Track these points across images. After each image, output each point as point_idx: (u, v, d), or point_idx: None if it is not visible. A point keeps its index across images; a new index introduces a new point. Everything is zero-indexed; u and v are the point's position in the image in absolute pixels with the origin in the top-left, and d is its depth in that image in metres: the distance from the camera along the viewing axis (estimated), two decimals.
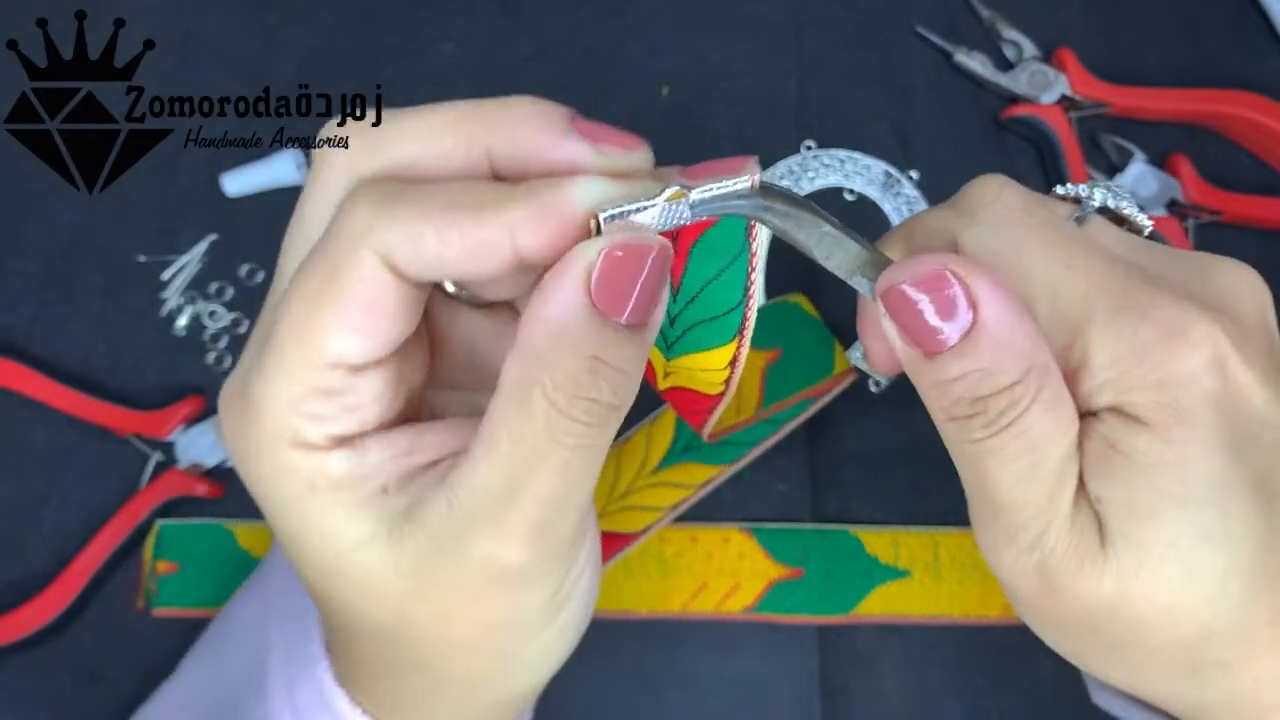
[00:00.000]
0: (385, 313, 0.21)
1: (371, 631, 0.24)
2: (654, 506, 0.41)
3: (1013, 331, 0.21)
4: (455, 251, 0.20)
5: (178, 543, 0.42)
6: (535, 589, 0.23)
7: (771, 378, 0.39)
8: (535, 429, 0.20)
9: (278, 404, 0.21)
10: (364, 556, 0.22)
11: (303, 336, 0.21)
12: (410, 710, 0.26)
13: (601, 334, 0.20)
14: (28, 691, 0.41)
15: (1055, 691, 0.41)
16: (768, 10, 0.47)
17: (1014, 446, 0.21)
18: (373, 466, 0.22)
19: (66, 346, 0.44)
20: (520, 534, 0.21)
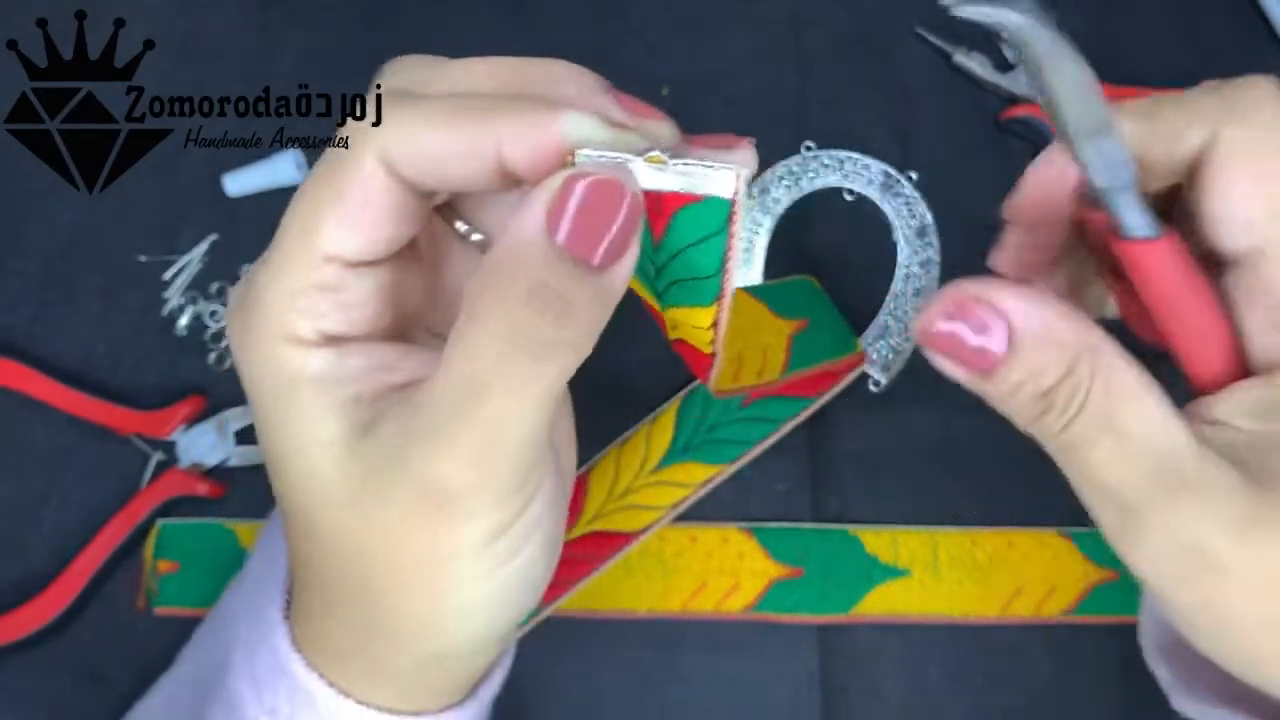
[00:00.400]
0: (381, 210, 0.22)
1: (321, 551, 0.24)
2: (654, 506, 0.42)
3: (1048, 326, 0.21)
4: (448, 150, 0.22)
5: (178, 542, 0.42)
6: (477, 520, 0.22)
7: (798, 345, 0.39)
8: (481, 348, 0.21)
9: (277, 298, 0.23)
10: (326, 460, 0.23)
11: (303, 232, 0.23)
12: (353, 657, 0.25)
13: (554, 261, 0.21)
14: (28, 691, 0.41)
15: (1055, 691, 0.41)
16: (768, 10, 0.48)
17: (1094, 427, 0.21)
18: (351, 371, 0.23)
19: (67, 346, 0.44)
20: (463, 453, 0.21)
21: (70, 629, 0.41)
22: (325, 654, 0.26)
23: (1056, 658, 0.41)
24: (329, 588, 0.25)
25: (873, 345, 0.44)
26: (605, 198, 0.21)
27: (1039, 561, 0.42)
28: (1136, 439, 0.21)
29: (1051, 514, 0.42)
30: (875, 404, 0.44)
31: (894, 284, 0.45)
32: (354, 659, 0.25)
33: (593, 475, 0.42)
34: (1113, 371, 0.21)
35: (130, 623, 0.41)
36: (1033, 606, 0.41)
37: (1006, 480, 0.43)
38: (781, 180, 0.45)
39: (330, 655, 0.26)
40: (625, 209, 0.21)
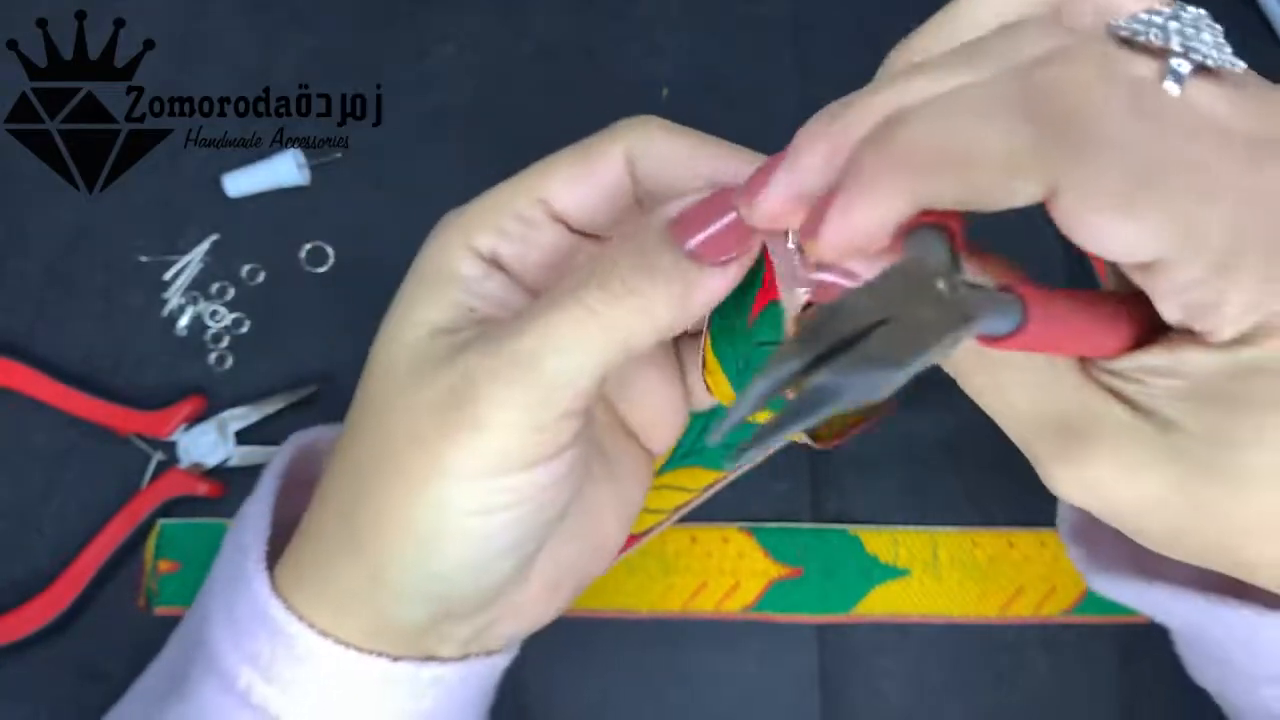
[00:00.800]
0: (605, 192, 0.26)
1: (359, 421, 0.25)
2: (656, 509, 0.42)
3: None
4: (672, 170, 0.25)
5: (179, 542, 0.42)
6: (481, 433, 0.22)
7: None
8: (570, 277, 0.23)
9: (483, 209, 0.26)
10: (412, 334, 0.24)
11: (538, 173, 0.26)
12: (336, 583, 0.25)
13: (663, 241, 0.23)
14: (29, 690, 0.41)
15: (1054, 690, 0.41)
16: (768, 10, 0.48)
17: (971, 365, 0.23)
18: (486, 290, 0.25)
19: (68, 346, 0.44)
20: (506, 358, 0.23)
21: (71, 629, 0.42)
22: (309, 586, 0.26)
23: (1056, 658, 0.41)
24: (335, 469, 0.26)
25: None
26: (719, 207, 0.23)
27: (1039, 561, 0.42)
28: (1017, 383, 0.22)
29: (1051, 514, 0.42)
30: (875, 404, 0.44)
31: None
32: (313, 568, 0.26)
33: None
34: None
35: (131, 622, 0.42)
36: (1033, 606, 0.41)
37: (1006, 480, 0.43)
38: None
39: (314, 587, 0.26)
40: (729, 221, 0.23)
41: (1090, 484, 0.21)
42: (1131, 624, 0.42)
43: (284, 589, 0.26)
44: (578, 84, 0.47)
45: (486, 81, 0.47)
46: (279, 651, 0.25)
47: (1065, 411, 0.21)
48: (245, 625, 0.26)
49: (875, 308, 0.17)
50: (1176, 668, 0.41)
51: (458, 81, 0.47)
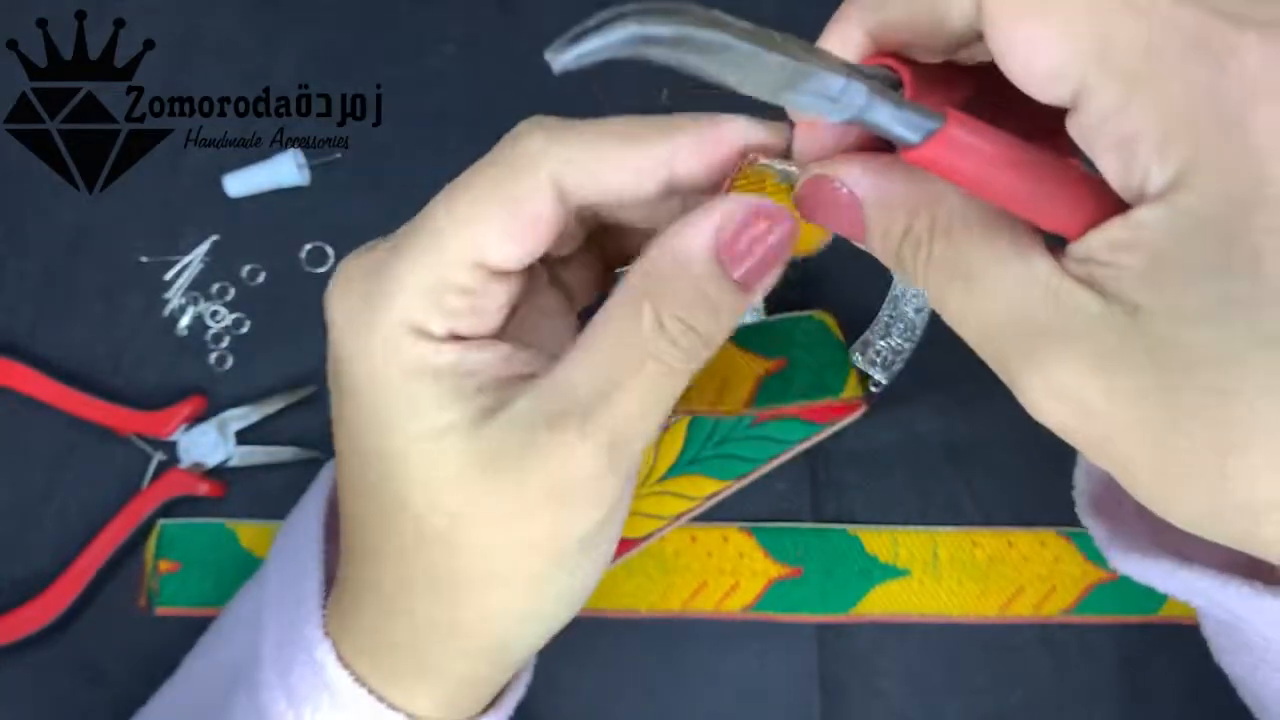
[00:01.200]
0: (543, 228, 0.23)
1: (403, 537, 0.24)
2: (657, 515, 0.42)
3: (883, 189, 0.22)
4: (621, 176, 0.23)
5: (179, 542, 0.42)
6: (587, 511, 0.23)
7: (768, 385, 0.39)
8: (637, 338, 0.22)
9: (414, 287, 0.23)
10: (438, 445, 0.23)
11: (460, 231, 0.23)
12: (409, 659, 0.25)
13: (716, 275, 0.22)
14: (29, 691, 0.41)
15: (1054, 691, 0.41)
16: (767, 11, 0.47)
17: (941, 275, 0.22)
18: (475, 364, 0.24)
19: (68, 346, 0.44)
20: (597, 438, 0.22)
21: (71, 629, 0.42)
22: (368, 654, 0.26)
23: (1056, 658, 0.41)
24: (402, 580, 0.25)
25: (873, 345, 0.44)
26: (764, 225, 0.23)
27: (1039, 561, 0.42)
28: (987, 283, 0.20)
29: (1051, 514, 0.42)
30: (875, 404, 0.44)
31: (894, 284, 0.45)
32: (405, 659, 0.26)
33: None
34: (954, 219, 0.21)
35: (131, 623, 0.42)
36: (1032, 606, 0.41)
37: (1006, 480, 0.43)
38: None
39: (375, 657, 0.26)
40: (776, 238, 0.23)
41: (1064, 391, 0.19)
42: (1131, 624, 0.42)
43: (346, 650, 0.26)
44: (577, 84, 0.47)
45: (486, 81, 0.47)
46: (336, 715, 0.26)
47: (1037, 312, 0.20)
48: (303, 691, 0.26)
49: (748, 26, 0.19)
50: (1176, 668, 0.42)
51: (458, 81, 0.47)
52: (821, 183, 0.22)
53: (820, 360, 0.41)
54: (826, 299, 0.45)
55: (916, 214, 0.21)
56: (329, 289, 0.25)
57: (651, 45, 0.17)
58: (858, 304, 0.44)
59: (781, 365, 0.40)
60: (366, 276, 0.24)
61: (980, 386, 0.43)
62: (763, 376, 0.40)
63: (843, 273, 0.45)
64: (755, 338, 0.41)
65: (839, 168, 0.22)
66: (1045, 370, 0.20)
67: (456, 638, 0.25)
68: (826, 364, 0.41)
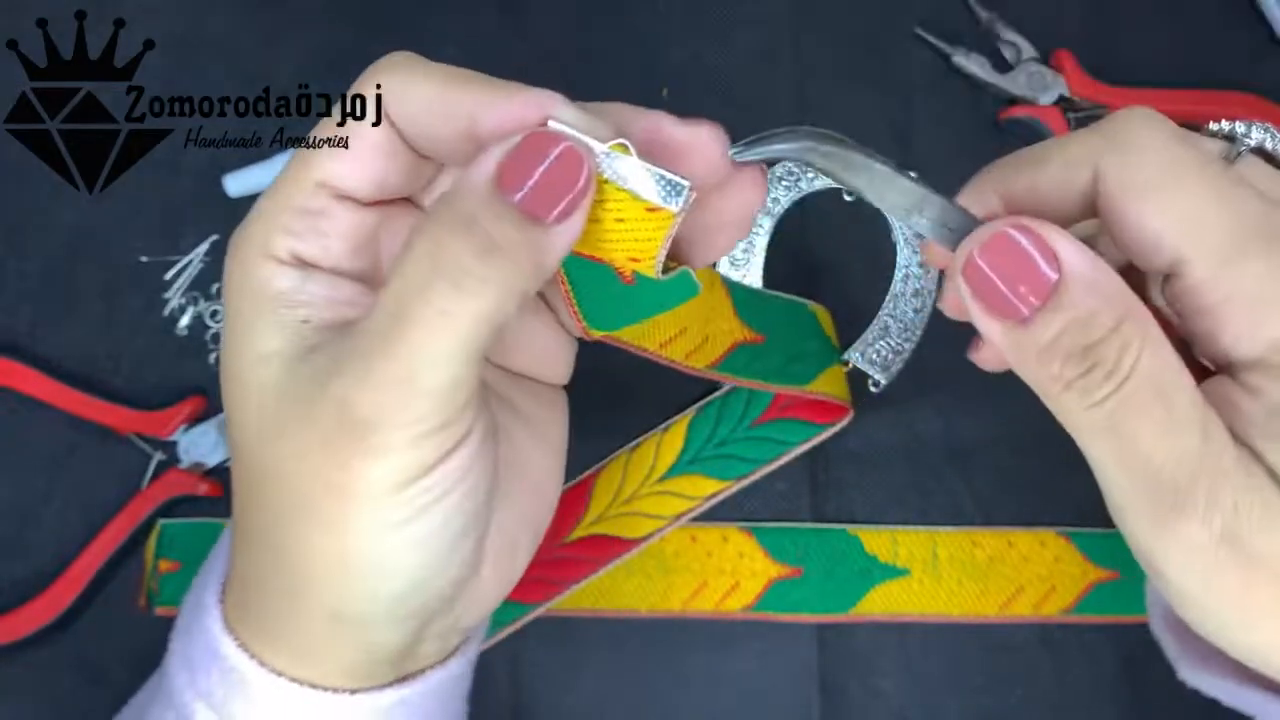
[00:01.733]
0: (372, 145, 0.24)
1: (244, 477, 0.24)
2: (657, 515, 0.42)
3: (1099, 274, 0.21)
4: (430, 106, 0.23)
5: (179, 542, 0.42)
6: (390, 456, 0.22)
7: (737, 354, 0.38)
8: (409, 276, 0.22)
9: (265, 215, 0.24)
10: (264, 371, 0.23)
11: (301, 159, 0.24)
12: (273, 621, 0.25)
13: (490, 200, 0.22)
14: (30, 690, 0.41)
15: (1054, 691, 0.41)
16: (767, 10, 0.48)
17: (1145, 392, 0.20)
18: (308, 295, 0.24)
19: (68, 346, 0.44)
20: (380, 381, 0.21)
21: (71, 629, 0.42)
22: (246, 622, 0.25)
23: (1056, 658, 0.41)
24: (245, 532, 0.25)
25: (873, 345, 0.44)
26: (542, 147, 0.22)
27: (1039, 561, 0.42)
28: (1184, 412, 0.20)
29: (1051, 514, 0.43)
30: (875, 404, 0.44)
31: (893, 284, 0.45)
32: (265, 619, 0.25)
33: (599, 479, 0.42)
34: (1152, 335, 0.20)
35: (131, 623, 0.42)
36: (1032, 606, 0.41)
37: (1006, 480, 0.43)
38: (781, 180, 0.45)
39: (250, 623, 0.25)
40: (557, 157, 0.22)
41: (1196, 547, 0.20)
42: (1131, 624, 0.42)
43: (234, 619, 0.26)
44: (577, 84, 0.47)
45: None
46: (233, 693, 0.25)
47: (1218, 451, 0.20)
48: (199, 660, 0.26)
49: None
50: None
51: None
52: (1022, 230, 0.21)
53: (798, 349, 0.40)
54: (826, 299, 0.45)
55: (1129, 313, 0.20)
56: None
57: (817, 157, 0.23)
58: (857, 305, 0.45)
59: (758, 340, 0.39)
60: (243, 222, 0.25)
61: (980, 386, 0.43)
62: (739, 344, 0.39)
63: (841, 274, 0.45)
64: (747, 304, 0.40)
65: (1045, 227, 0.21)
66: (1215, 515, 0.20)
67: (291, 594, 0.24)
68: (802, 354, 0.40)
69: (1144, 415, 0.20)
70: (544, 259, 0.22)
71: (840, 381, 0.41)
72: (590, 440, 0.43)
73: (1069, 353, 0.20)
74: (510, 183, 0.22)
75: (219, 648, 0.25)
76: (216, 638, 0.25)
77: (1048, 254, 0.21)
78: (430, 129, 0.24)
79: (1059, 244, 0.21)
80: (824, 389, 0.40)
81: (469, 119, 0.23)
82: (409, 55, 0.25)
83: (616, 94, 0.49)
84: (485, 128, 0.23)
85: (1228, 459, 0.20)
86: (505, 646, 0.41)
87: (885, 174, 0.23)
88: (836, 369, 0.41)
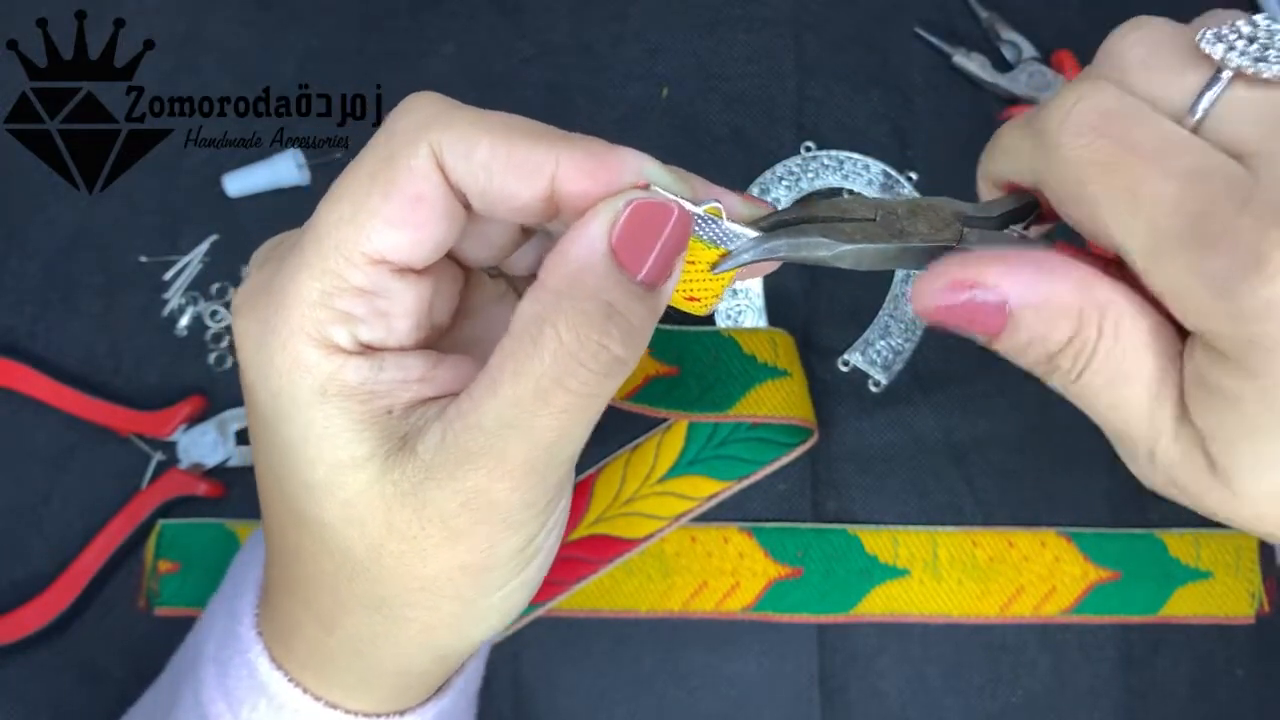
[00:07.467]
0: (432, 209, 0.21)
1: (334, 566, 0.23)
2: (658, 515, 0.42)
3: (1049, 293, 0.21)
4: (501, 165, 0.21)
5: (179, 542, 0.42)
6: (514, 533, 0.23)
7: (652, 386, 0.41)
8: (542, 367, 0.21)
9: (308, 295, 0.21)
10: (358, 476, 0.22)
11: (347, 226, 0.21)
12: (349, 667, 0.25)
13: (619, 282, 0.21)
14: (29, 690, 0.41)
15: (1054, 690, 0.41)
16: (767, 10, 0.48)
17: (1097, 383, 0.22)
18: (386, 384, 0.22)
19: (68, 347, 0.44)
20: (513, 472, 0.21)
21: (71, 629, 0.42)
22: (308, 664, 0.26)
23: (1056, 658, 0.41)
24: (333, 603, 0.24)
25: (873, 345, 0.44)
26: (658, 217, 0.21)
27: (1039, 561, 0.42)
28: (1139, 396, 0.21)
29: (1051, 514, 0.42)
30: (875, 404, 0.44)
31: (893, 284, 0.45)
32: (346, 668, 0.26)
33: (599, 479, 0.42)
34: (1122, 328, 0.21)
35: (131, 623, 0.42)
36: (1032, 606, 0.41)
37: (1006, 480, 0.43)
38: (781, 180, 0.45)
39: (315, 666, 0.26)
40: (673, 227, 0.21)
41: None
42: (1131, 624, 0.42)
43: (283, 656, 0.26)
44: (577, 84, 0.47)
45: (486, 82, 0.47)
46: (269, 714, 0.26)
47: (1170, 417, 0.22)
48: (239, 693, 0.26)
49: (873, 209, 0.23)
50: (1176, 668, 0.42)
51: (457, 82, 0.47)
52: (959, 287, 0.22)
53: (715, 376, 0.42)
54: (827, 299, 0.45)
55: (1087, 317, 0.21)
56: (233, 313, 0.23)
57: (778, 255, 0.23)
58: (857, 305, 0.45)
59: (671, 373, 0.41)
60: (260, 298, 0.22)
61: (980, 386, 0.44)
62: (652, 376, 0.41)
63: (841, 274, 0.45)
64: (653, 341, 0.41)
65: (984, 270, 0.22)
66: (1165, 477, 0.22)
67: (396, 650, 0.25)
68: (721, 380, 0.42)
69: (1098, 399, 0.22)
70: (655, 319, 0.22)
71: (780, 395, 0.42)
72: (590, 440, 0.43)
73: (1036, 355, 0.22)
74: (632, 257, 0.21)
75: (268, 684, 0.26)
76: (265, 674, 0.26)
77: (992, 300, 0.22)
78: (502, 187, 0.22)
79: (1003, 281, 0.21)
80: (753, 410, 0.41)
81: (550, 179, 0.21)
82: (438, 98, 0.22)
83: (616, 94, 0.49)
84: (572, 189, 0.21)
85: (1167, 424, 0.22)
86: (505, 646, 0.41)
87: (852, 253, 0.23)
88: (776, 384, 0.42)
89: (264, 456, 0.24)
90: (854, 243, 0.23)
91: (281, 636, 0.26)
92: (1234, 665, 0.41)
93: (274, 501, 0.24)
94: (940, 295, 0.22)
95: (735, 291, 0.44)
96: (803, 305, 0.44)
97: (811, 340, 0.44)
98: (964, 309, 0.22)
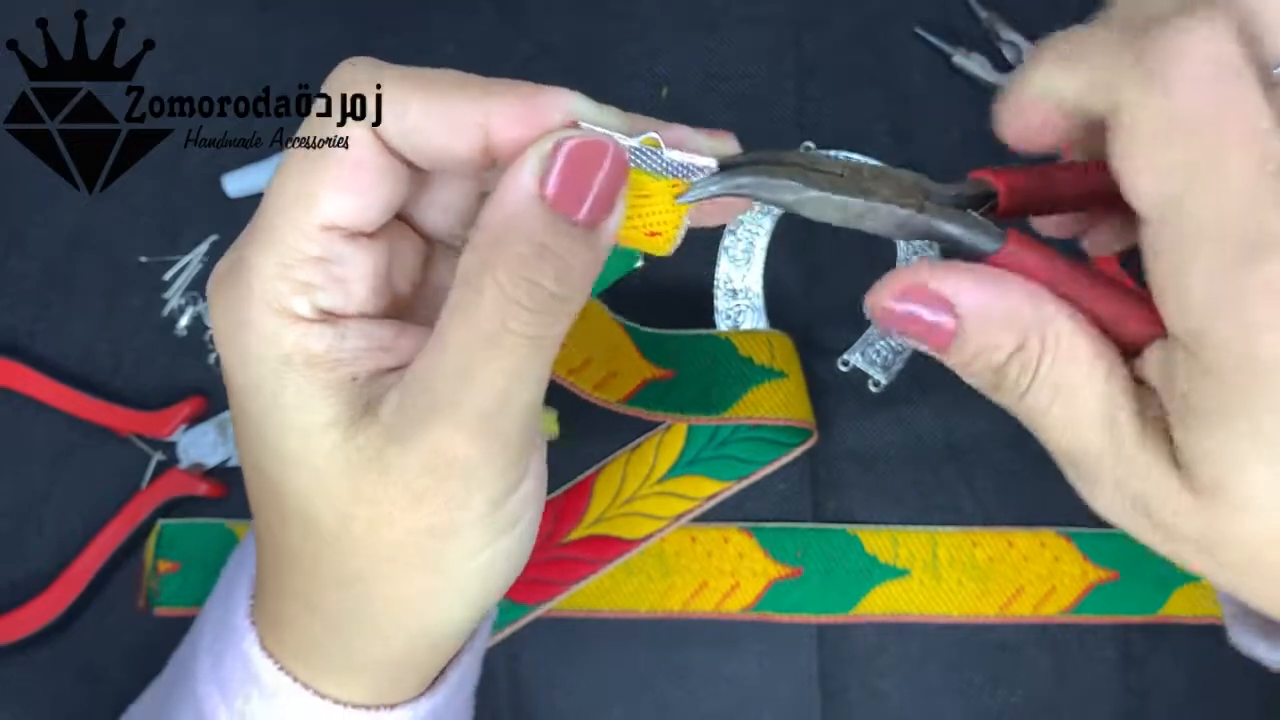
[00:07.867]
0: (374, 172, 0.22)
1: (307, 540, 0.24)
2: (657, 515, 0.42)
3: (997, 304, 0.22)
4: (435, 123, 0.22)
5: (179, 542, 0.42)
6: (477, 491, 0.22)
7: (649, 389, 0.41)
8: (484, 314, 0.21)
9: (267, 270, 0.22)
10: (324, 442, 0.22)
11: (296, 200, 0.22)
12: (333, 653, 0.25)
13: (550, 223, 0.21)
14: (30, 691, 0.41)
15: (1054, 691, 0.41)
16: (768, 10, 0.48)
17: (1043, 398, 0.22)
18: (350, 352, 0.23)
19: (68, 347, 0.44)
20: (467, 424, 0.22)
21: (71, 629, 0.42)
22: (298, 653, 0.26)
23: (1056, 658, 0.41)
24: (311, 581, 0.25)
25: (873, 345, 0.44)
26: (591, 156, 0.21)
27: (1039, 561, 0.42)
28: (1090, 414, 0.21)
29: (1051, 514, 0.42)
30: (875, 404, 0.44)
31: None
32: (330, 653, 0.25)
33: (599, 479, 0.42)
34: (1062, 344, 0.21)
35: (131, 623, 0.42)
36: (1032, 606, 0.41)
37: (1006, 480, 0.43)
38: None
39: (303, 653, 0.26)
40: (610, 165, 0.21)
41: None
42: (1131, 624, 0.42)
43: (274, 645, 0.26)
44: (578, 84, 0.47)
45: None
46: (272, 715, 0.26)
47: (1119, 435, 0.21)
48: (233, 683, 0.26)
49: (841, 167, 0.23)
50: (1176, 668, 0.42)
51: None
52: (913, 293, 0.22)
53: (712, 378, 0.42)
54: (827, 299, 0.45)
55: (1030, 333, 0.21)
56: (207, 302, 0.24)
57: (743, 191, 0.22)
58: (857, 305, 0.45)
59: (667, 376, 0.42)
60: (228, 279, 0.23)
61: None
62: (649, 380, 0.41)
63: (841, 274, 0.45)
64: (649, 346, 0.42)
65: (941, 279, 0.22)
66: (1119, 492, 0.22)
67: (375, 629, 0.25)
68: (718, 383, 0.42)
69: (1045, 417, 0.22)
70: (601, 258, 0.22)
71: (777, 396, 0.42)
72: (590, 440, 0.43)
73: (982, 368, 0.22)
74: (566, 197, 0.21)
75: (259, 673, 0.26)
76: (257, 662, 0.26)
77: (940, 307, 0.22)
78: (437, 144, 0.22)
79: (952, 289, 0.22)
80: (751, 412, 0.41)
81: (483, 130, 0.22)
82: (371, 61, 0.23)
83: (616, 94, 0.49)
84: (504, 137, 0.22)
85: (1128, 444, 0.21)
86: (505, 646, 0.41)
87: (816, 199, 0.23)
88: (773, 385, 0.42)
89: (243, 437, 0.24)
90: (820, 189, 0.22)
91: (273, 625, 0.26)
92: (1234, 665, 0.41)
93: (253, 481, 0.24)
94: (893, 299, 0.22)
95: (735, 292, 0.44)
96: (803, 305, 0.44)
97: (811, 340, 0.44)
98: (914, 323, 0.22)
